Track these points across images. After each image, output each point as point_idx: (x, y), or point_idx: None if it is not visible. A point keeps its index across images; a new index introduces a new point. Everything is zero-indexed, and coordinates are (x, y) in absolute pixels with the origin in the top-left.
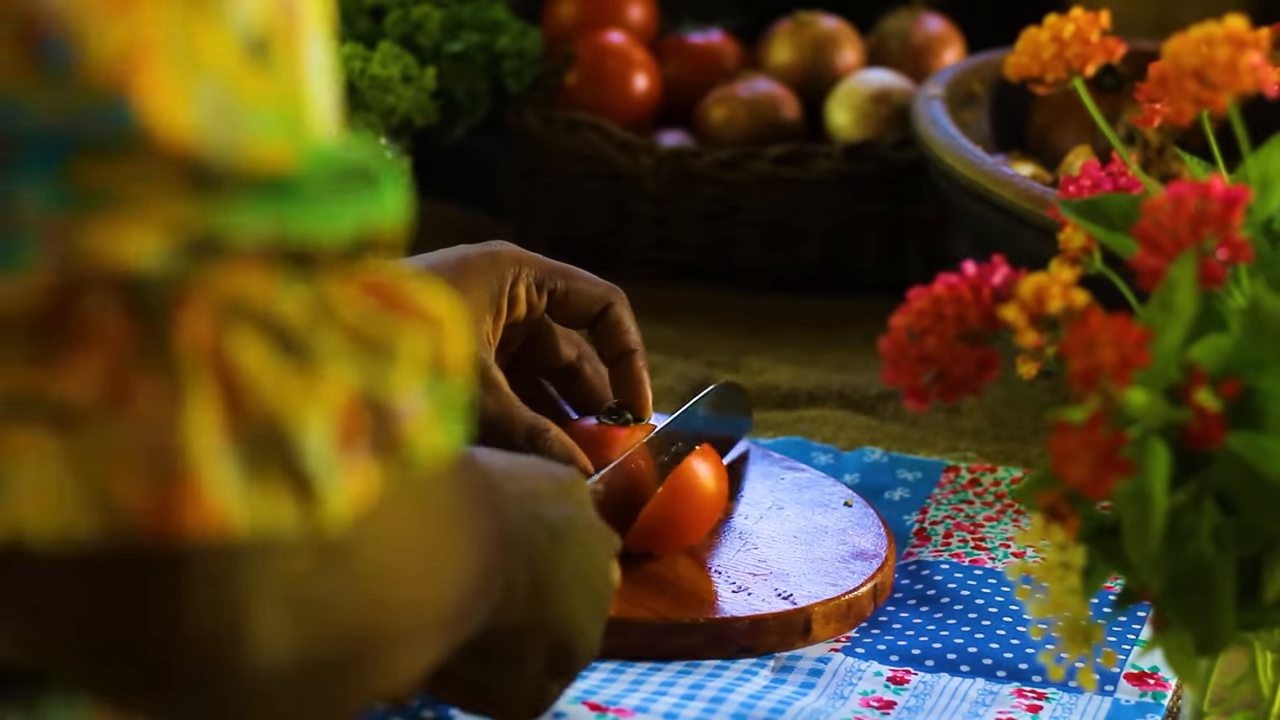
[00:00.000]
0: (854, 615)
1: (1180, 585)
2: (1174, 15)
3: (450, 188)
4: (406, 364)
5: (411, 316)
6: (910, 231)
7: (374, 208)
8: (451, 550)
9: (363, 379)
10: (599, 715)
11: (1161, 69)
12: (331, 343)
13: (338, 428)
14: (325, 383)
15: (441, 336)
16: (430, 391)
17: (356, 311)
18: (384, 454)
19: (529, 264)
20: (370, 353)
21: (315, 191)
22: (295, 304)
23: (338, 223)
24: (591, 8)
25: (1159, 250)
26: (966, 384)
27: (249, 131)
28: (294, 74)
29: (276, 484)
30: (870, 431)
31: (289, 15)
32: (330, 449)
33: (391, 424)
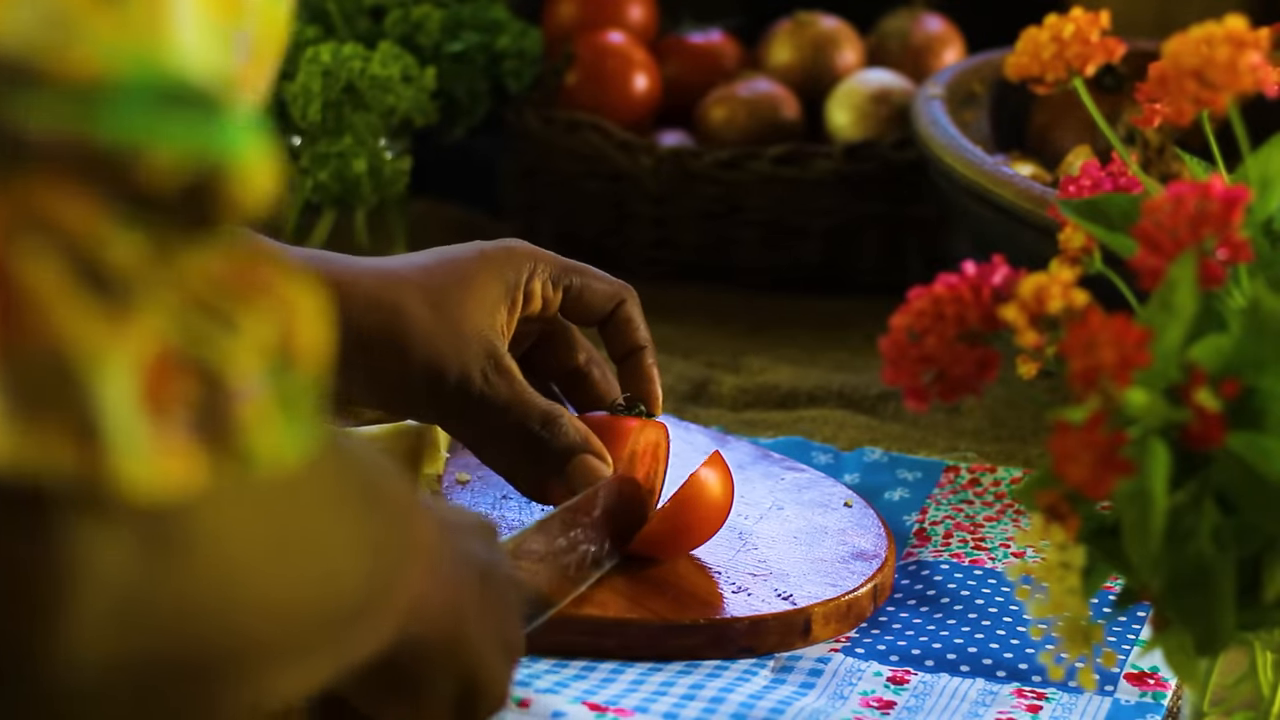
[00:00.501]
0: (854, 615)
1: (1180, 585)
2: (1174, 15)
3: (450, 188)
4: (246, 340)
5: (266, 296)
6: (910, 231)
7: (210, 135)
8: (329, 550)
9: (188, 338)
10: (599, 715)
11: (1161, 69)
12: (158, 295)
13: (146, 383)
14: (135, 327)
15: (296, 322)
16: (274, 379)
17: (203, 278)
18: (213, 437)
19: (545, 260)
20: (207, 318)
21: (133, 102)
22: (127, 246)
23: (158, 139)
24: (591, 8)
25: (1159, 250)
26: (966, 384)
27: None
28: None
29: (54, 420)
30: (870, 431)
31: None
32: (130, 403)
33: (222, 403)
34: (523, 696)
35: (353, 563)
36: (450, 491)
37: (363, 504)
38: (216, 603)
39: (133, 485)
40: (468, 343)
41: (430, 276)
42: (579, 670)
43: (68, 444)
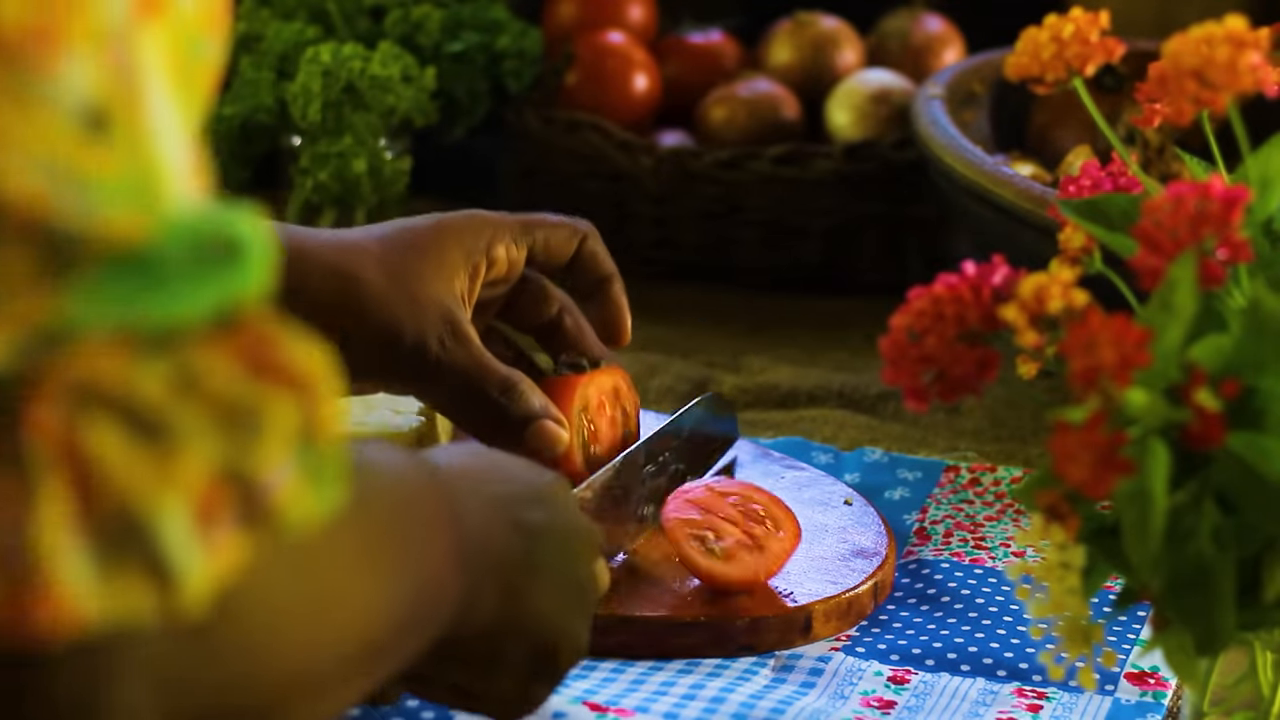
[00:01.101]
0: (854, 613)
1: (1180, 585)
2: (1174, 15)
3: (450, 188)
4: (273, 436)
5: (281, 381)
6: (910, 231)
7: (236, 282)
8: (358, 595)
9: (225, 456)
10: (599, 715)
11: (1161, 69)
12: (192, 419)
13: (197, 508)
14: (183, 464)
15: (312, 400)
16: (300, 459)
17: (221, 380)
18: (250, 526)
19: (505, 224)
20: (234, 425)
21: (171, 271)
22: (154, 380)
23: (197, 303)
24: (591, 8)
25: (1159, 250)
26: (966, 384)
27: (95, 205)
28: (140, 142)
29: (132, 573)
30: (870, 431)
31: (128, 82)
32: (188, 532)
33: (258, 496)
34: None
35: (386, 593)
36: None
37: (389, 527)
38: (256, 667)
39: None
40: (424, 309)
41: (388, 245)
42: (579, 670)
43: (146, 587)
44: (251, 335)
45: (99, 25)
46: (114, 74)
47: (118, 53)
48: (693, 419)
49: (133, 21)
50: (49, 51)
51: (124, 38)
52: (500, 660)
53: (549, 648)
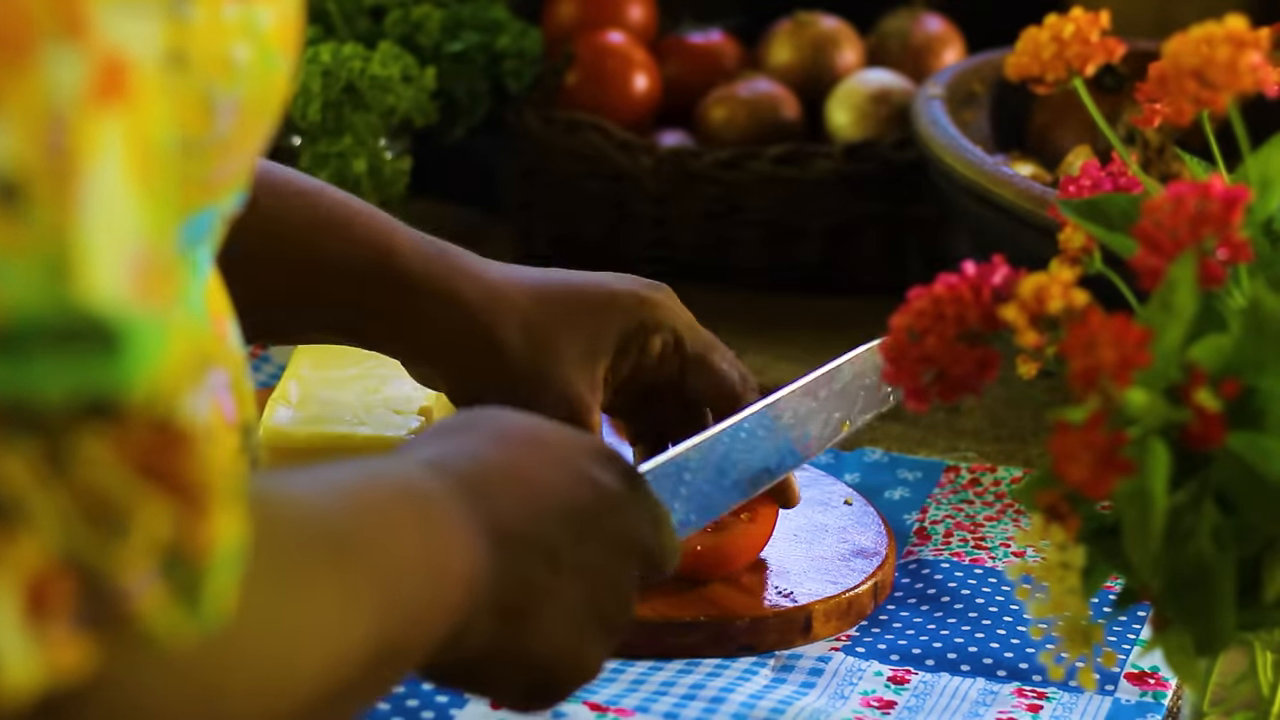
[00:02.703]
0: (854, 613)
1: (1180, 585)
2: (1174, 15)
3: (450, 188)
4: (138, 540)
5: (165, 487)
6: (910, 231)
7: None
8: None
9: (75, 547)
10: (599, 715)
11: (1161, 69)
12: (47, 505)
13: (26, 595)
14: (19, 548)
15: (197, 514)
16: (168, 573)
17: (96, 473)
18: (101, 628)
19: (681, 319)
20: (96, 521)
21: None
22: (15, 462)
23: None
24: (591, 8)
25: (1159, 250)
26: (966, 384)
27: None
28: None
29: None
30: (870, 431)
31: (59, 157)
32: (13, 620)
33: (111, 599)
34: None
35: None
36: None
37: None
38: None
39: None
40: (547, 389)
41: (540, 307)
42: None
43: None
44: (148, 436)
45: (35, 98)
46: (42, 150)
47: (52, 131)
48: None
49: (82, 104)
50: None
51: (63, 118)
52: (490, 682)
53: (548, 674)
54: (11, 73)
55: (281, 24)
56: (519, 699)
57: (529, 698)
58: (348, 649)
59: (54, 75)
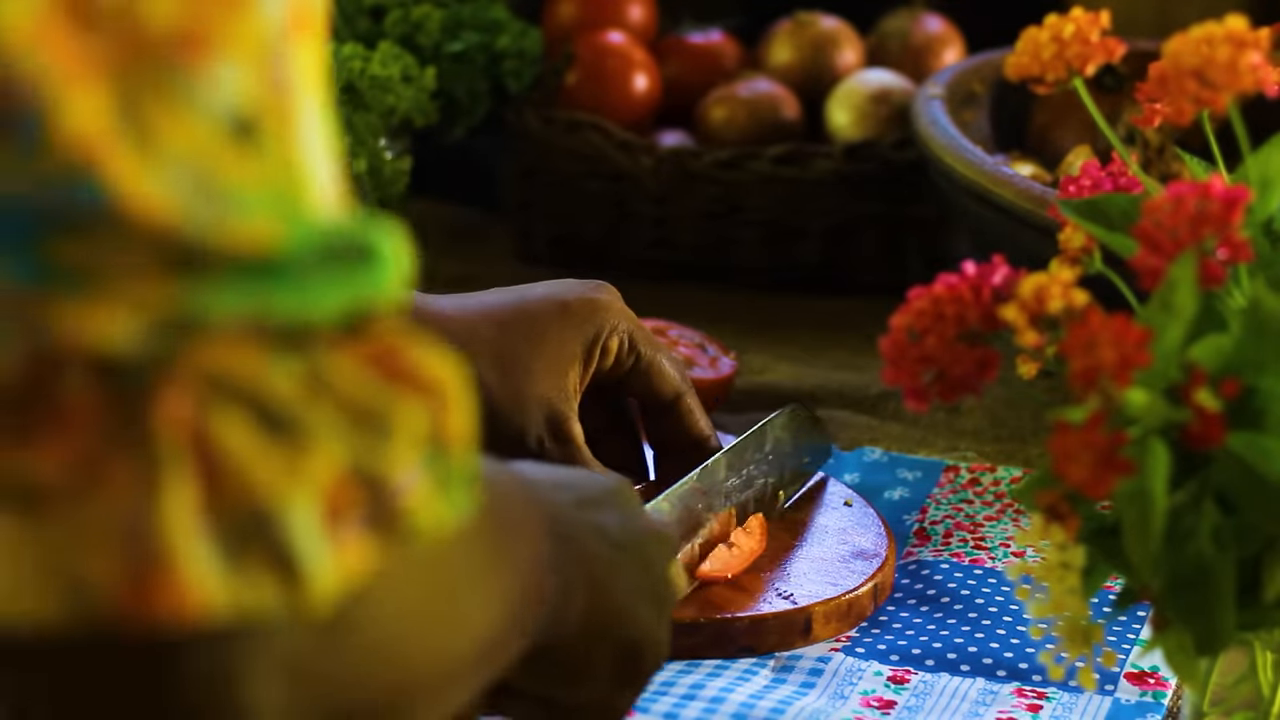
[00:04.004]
0: (854, 615)
1: (1180, 585)
2: (1174, 15)
3: (450, 188)
4: (403, 438)
5: (411, 387)
6: (910, 231)
7: (368, 285)
8: (477, 598)
9: (355, 454)
10: None
11: (1161, 69)
12: (323, 418)
13: (325, 506)
14: (313, 461)
15: (443, 407)
16: (430, 464)
17: (353, 382)
18: (380, 528)
19: (628, 318)
20: (365, 427)
21: (302, 271)
22: (286, 378)
23: (326, 302)
24: (591, 8)
25: (1159, 250)
26: (966, 384)
27: (236, 212)
28: (287, 153)
29: (259, 565)
30: (870, 431)
31: (280, 93)
32: (316, 528)
33: (387, 499)
34: None
35: (491, 602)
36: None
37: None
38: (382, 668)
39: (324, 595)
40: (528, 406)
41: (502, 332)
42: None
43: (272, 580)
44: (383, 342)
45: (255, 35)
46: (267, 84)
47: (272, 64)
48: (776, 430)
49: (287, 35)
50: (200, 55)
51: (278, 50)
52: (589, 665)
53: (635, 650)
54: (229, 11)
55: None
56: (611, 682)
57: (619, 679)
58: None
59: (267, 11)
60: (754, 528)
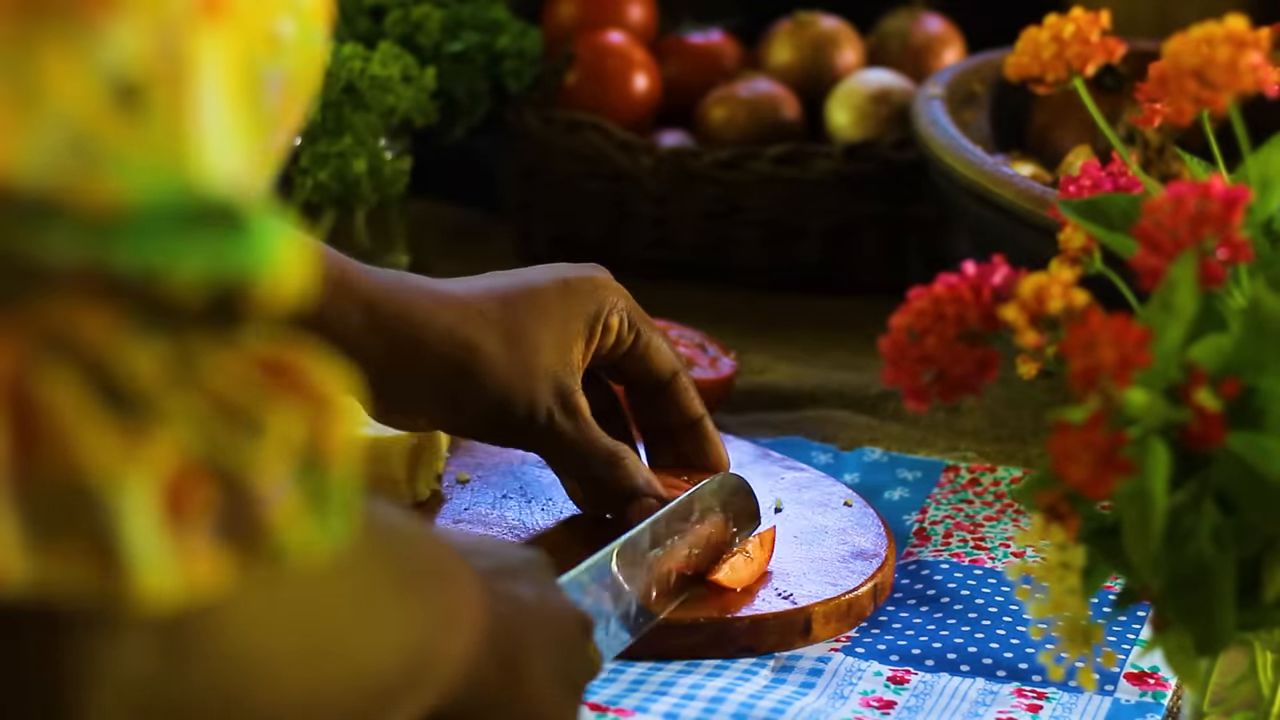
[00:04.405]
0: (854, 615)
1: (1180, 585)
2: (1174, 15)
3: (450, 188)
4: (273, 442)
5: (292, 391)
6: (910, 231)
7: (231, 255)
8: (365, 639)
9: (212, 449)
10: (599, 715)
11: (1161, 69)
12: (180, 405)
13: (166, 497)
14: (155, 444)
15: (325, 419)
16: (302, 478)
17: (226, 376)
18: (238, 540)
19: (626, 297)
20: (230, 422)
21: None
22: (145, 357)
23: (174, 260)
24: (591, 8)
25: (1159, 250)
26: (966, 384)
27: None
28: (175, 125)
29: (73, 545)
30: (870, 431)
31: (173, 62)
32: (151, 519)
33: (248, 507)
34: None
35: (385, 647)
36: (450, 491)
37: (397, 581)
38: (237, 703)
39: (154, 596)
40: (538, 381)
41: (508, 310)
42: None
43: (87, 564)
44: (273, 348)
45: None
46: (159, 53)
47: (166, 36)
48: (705, 499)
49: (191, 14)
50: (103, 10)
51: (177, 26)
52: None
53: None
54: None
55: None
56: None
57: None
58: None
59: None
60: (766, 539)
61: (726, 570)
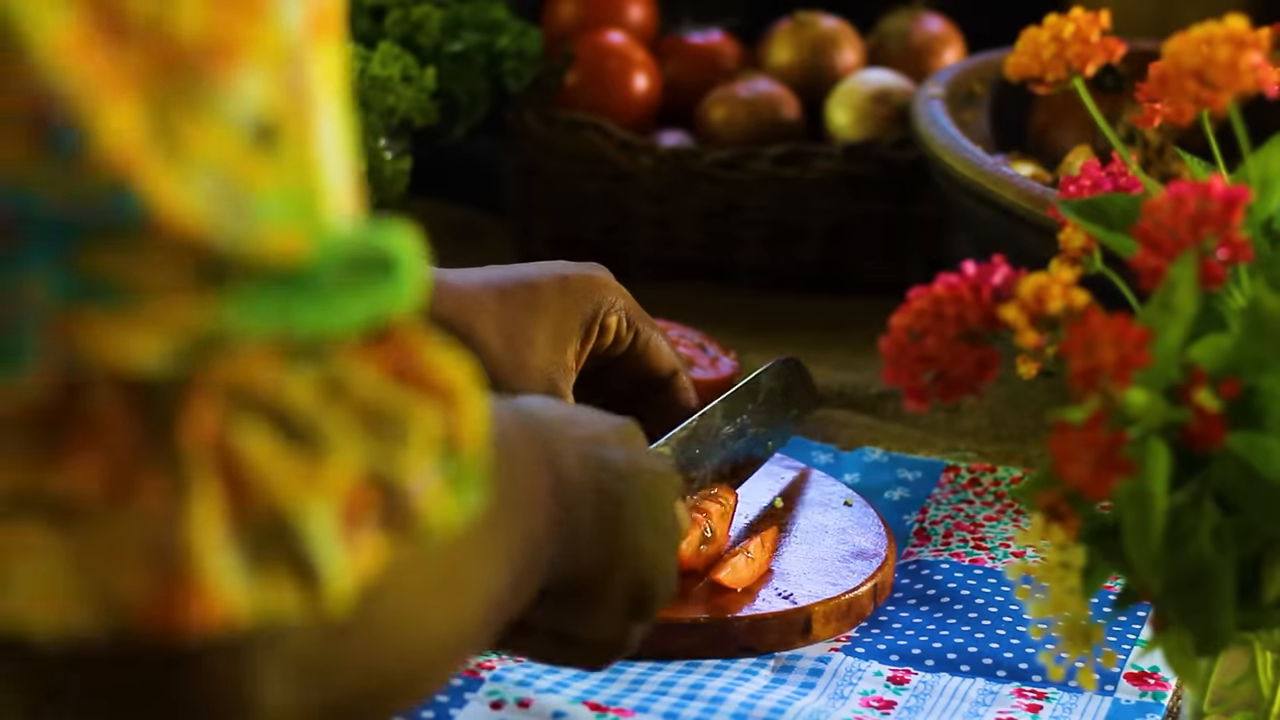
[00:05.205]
0: (854, 615)
1: (1180, 585)
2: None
3: (450, 188)
4: (417, 443)
5: (425, 391)
6: (910, 231)
7: (388, 297)
8: (483, 563)
9: (371, 460)
10: (599, 715)
11: (1161, 69)
12: (339, 424)
13: (342, 511)
14: (331, 468)
15: (456, 410)
16: (443, 466)
17: (368, 387)
18: (393, 529)
19: (625, 297)
20: (380, 432)
21: (326, 284)
22: (303, 386)
23: (349, 314)
24: (591, 8)
25: (1159, 250)
26: (966, 384)
27: (258, 219)
28: (306, 158)
29: (280, 572)
30: (870, 431)
31: (299, 99)
32: (333, 533)
33: (401, 501)
34: (523, 697)
35: (506, 556)
36: None
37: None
38: (395, 659)
39: (341, 598)
40: (529, 379)
41: (506, 304)
42: (578, 670)
43: (292, 585)
44: (397, 345)
45: (276, 41)
46: (287, 90)
47: (292, 70)
48: (769, 381)
49: (307, 40)
50: (227, 65)
51: (298, 56)
52: (600, 596)
53: (644, 582)
54: (252, 20)
55: None
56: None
57: (630, 612)
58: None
59: (286, 17)
60: (767, 539)
61: (728, 570)
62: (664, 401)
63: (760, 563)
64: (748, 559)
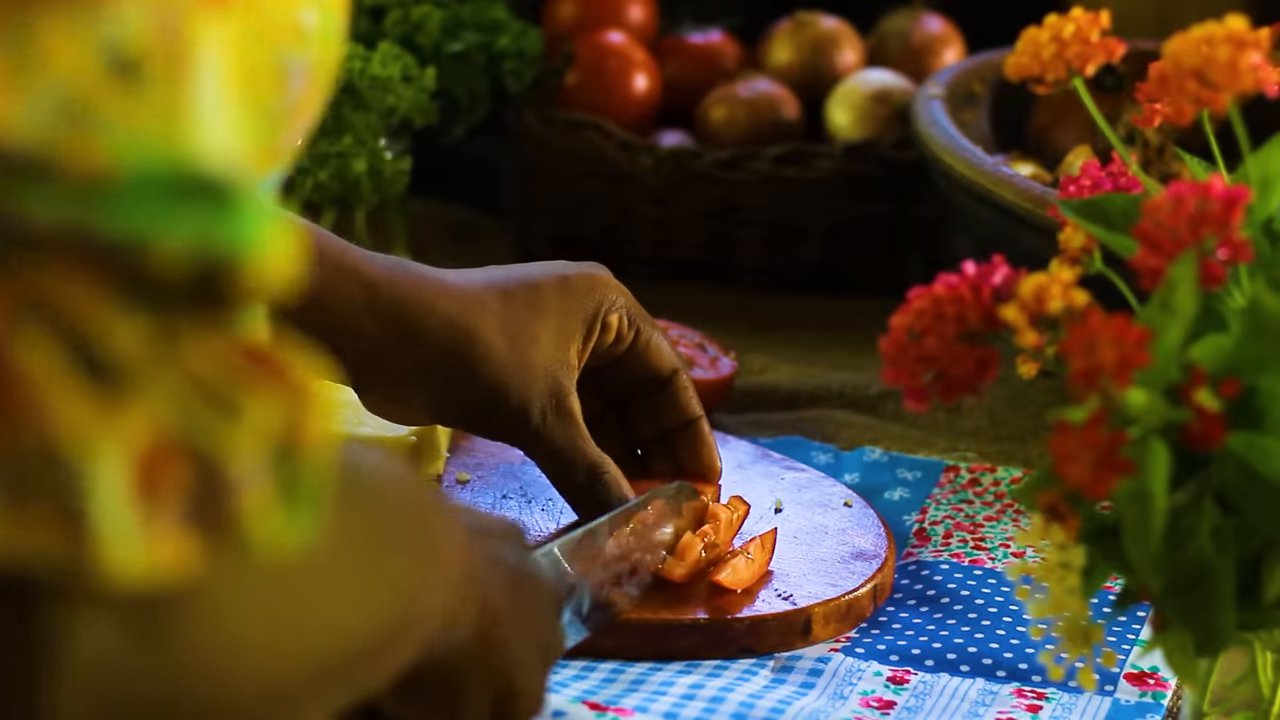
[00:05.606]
0: (854, 615)
1: (1180, 585)
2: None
3: (450, 188)
4: (249, 428)
5: (274, 383)
6: (910, 231)
7: (220, 227)
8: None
9: (185, 427)
10: (599, 715)
11: (1161, 69)
12: (159, 380)
13: (139, 471)
14: (130, 416)
15: (303, 409)
16: (276, 467)
17: (209, 362)
18: (208, 527)
19: (626, 295)
20: (208, 402)
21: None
22: (129, 331)
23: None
24: (591, 8)
25: (1159, 250)
26: (966, 384)
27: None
28: (172, 106)
29: (41, 511)
30: (870, 431)
31: (173, 41)
32: (121, 491)
33: (221, 493)
34: None
35: (360, 612)
36: (449, 491)
37: (376, 544)
38: (206, 686)
39: (120, 572)
40: (534, 378)
41: (509, 303)
42: (579, 670)
43: (54, 532)
44: (253, 337)
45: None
46: (159, 31)
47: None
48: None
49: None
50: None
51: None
52: (464, 699)
53: (512, 692)
54: None
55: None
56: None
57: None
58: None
59: None
60: (767, 540)
61: (728, 571)
62: (664, 401)
63: (760, 564)
64: (747, 560)
